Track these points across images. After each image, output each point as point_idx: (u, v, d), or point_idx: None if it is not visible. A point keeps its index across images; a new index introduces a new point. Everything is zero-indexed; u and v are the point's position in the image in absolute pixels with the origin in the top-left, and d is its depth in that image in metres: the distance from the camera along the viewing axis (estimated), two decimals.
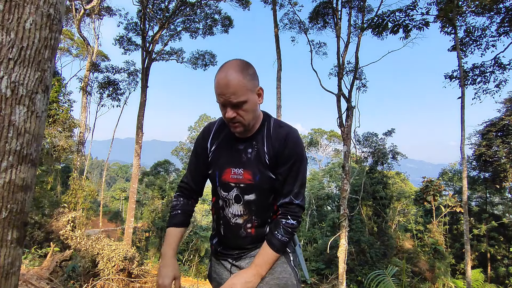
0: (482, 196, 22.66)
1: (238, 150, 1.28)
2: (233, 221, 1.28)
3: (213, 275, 1.40)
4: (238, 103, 1.14)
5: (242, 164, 1.25)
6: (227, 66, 1.15)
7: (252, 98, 1.18)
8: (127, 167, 66.25)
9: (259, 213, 1.27)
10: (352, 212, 19.80)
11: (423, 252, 19.55)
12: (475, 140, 19.08)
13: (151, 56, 14.84)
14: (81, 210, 12.42)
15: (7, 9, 0.93)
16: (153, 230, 26.10)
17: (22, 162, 0.97)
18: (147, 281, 7.02)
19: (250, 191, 1.24)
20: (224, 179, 1.28)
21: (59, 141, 12.94)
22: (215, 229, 1.37)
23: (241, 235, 1.28)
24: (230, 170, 1.27)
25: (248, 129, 1.25)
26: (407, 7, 9.77)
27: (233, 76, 1.12)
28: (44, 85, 1.03)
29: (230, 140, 1.32)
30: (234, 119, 1.18)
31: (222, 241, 1.34)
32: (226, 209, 1.29)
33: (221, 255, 1.35)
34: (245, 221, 1.27)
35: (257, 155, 1.25)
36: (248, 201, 1.25)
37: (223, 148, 1.32)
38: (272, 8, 12.71)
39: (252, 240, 1.29)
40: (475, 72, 11.55)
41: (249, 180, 1.24)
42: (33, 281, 4.29)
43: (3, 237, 0.93)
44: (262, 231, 1.29)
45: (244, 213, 1.26)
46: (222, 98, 1.14)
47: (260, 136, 1.28)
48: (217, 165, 1.31)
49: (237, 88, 1.12)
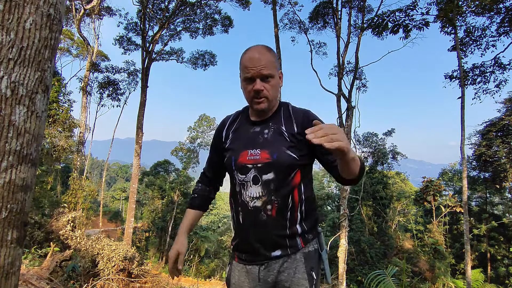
0: (482, 196, 22.66)
1: (254, 132, 1.29)
2: (252, 204, 1.23)
3: (232, 280, 1.35)
4: (268, 75, 1.22)
5: (259, 145, 1.25)
6: (257, 46, 1.26)
7: (277, 77, 1.27)
8: (127, 167, 66.25)
9: (279, 193, 1.21)
10: (352, 212, 19.80)
11: (423, 252, 19.54)
12: (475, 140, 19.08)
13: (151, 56, 14.84)
14: (81, 210, 12.40)
15: (7, 9, 0.93)
16: (153, 230, 26.10)
17: (22, 162, 0.97)
18: (147, 281, 7.02)
19: (268, 169, 1.21)
20: (241, 162, 1.26)
21: (59, 141, 12.94)
22: (235, 223, 1.33)
23: (261, 218, 1.21)
24: (247, 152, 1.26)
25: (270, 107, 1.29)
26: (407, 7, 9.77)
27: (264, 52, 1.24)
28: (44, 85, 1.03)
29: (245, 125, 1.35)
30: (261, 93, 1.22)
31: (242, 236, 1.29)
32: (243, 193, 1.25)
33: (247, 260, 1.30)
34: (264, 203, 1.21)
35: (274, 134, 1.26)
36: (266, 181, 1.21)
37: (238, 134, 1.35)
38: (272, 8, 12.71)
39: (274, 228, 1.22)
40: (475, 72, 11.54)
41: (266, 159, 1.21)
42: (33, 281, 4.29)
43: (3, 237, 0.93)
44: (283, 216, 1.22)
45: (263, 194, 1.22)
46: (253, 70, 1.20)
47: (277, 117, 1.30)
48: (233, 150, 1.31)
49: (268, 61, 1.22)
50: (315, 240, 1.31)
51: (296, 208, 1.24)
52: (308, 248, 1.27)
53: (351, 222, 19.33)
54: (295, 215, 1.25)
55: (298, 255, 1.25)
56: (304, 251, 1.26)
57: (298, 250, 1.25)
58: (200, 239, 24.84)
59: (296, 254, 1.25)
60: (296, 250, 1.25)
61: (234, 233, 1.37)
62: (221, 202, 47.09)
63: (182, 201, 26.54)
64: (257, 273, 1.26)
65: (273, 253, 1.24)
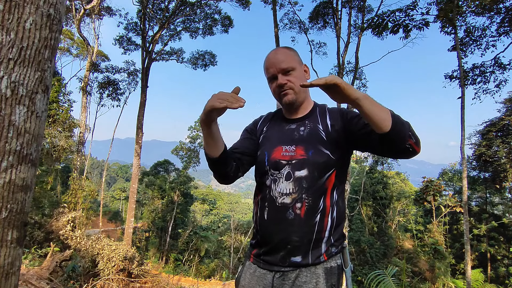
0: (482, 196, 22.65)
1: (290, 129, 1.28)
2: (280, 200, 1.17)
3: (241, 282, 1.27)
4: (288, 68, 1.23)
5: (294, 142, 1.23)
6: (276, 48, 1.31)
7: (300, 69, 1.27)
8: (127, 167, 66.23)
9: (311, 191, 1.15)
10: (352, 212, 19.81)
11: (423, 252, 19.54)
12: (475, 140, 19.06)
13: (151, 56, 14.84)
14: (81, 210, 12.40)
15: (7, 9, 0.93)
16: (153, 230, 26.10)
17: (22, 162, 0.97)
18: (147, 281, 7.02)
19: (302, 166, 1.17)
20: (274, 158, 1.23)
21: (59, 141, 12.94)
22: (258, 219, 1.24)
23: (288, 217, 1.14)
24: (281, 148, 1.23)
25: (299, 99, 1.27)
26: (407, 7, 9.78)
27: (283, 50, 1.28)
28: (44, 85, 1.03)
29: (281, 122, 1.34)
30: (285, 86, 1.23)
31: (264, 233, 1.21)
32: (273, 188, 1.19)
33: (263, 262, 1.22)
34: (294, 200, 1.15)
35: (310, 131, 1.24)
36: (299, 178, 1.16)
37: (273, 130, 1.33)
38: (272, 8, 12.71)
39: (301, 229, 1.13)
40: (475, 72, 11.54)
41: (301, 156, 1.19)
42: (33, 281, 4.29)
43: (3, 237, 0.93)
44: (312, 219, 1.14)
45: (293, 191, 1.16)
46: (273, 68, 1.24)
47: (313, 116, 1.29)
48: (266, 145, 1.29)
49: (287, 56, 1.24)
50: (339, 255, 1.21)
51: (327, 213, 1.16)
52: (330, 263, 1.17)
53: (351, 222, 19.35)
54: (325, 220, 1.16)
55: (319, 269, 1.15)
56: (326, 265, 1.16)
57: (319, 263, 1.16)
58: (200, 239, 24.84)
59: (317, 267, 1.16)
60: (318, 263, 1.16)
61: (255, 231, 1.29)
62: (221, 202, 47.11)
63: (182, 201, 26.54)
64: (270, 281, 1.18)
65: (293, 258, 1.15)
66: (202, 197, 38.26)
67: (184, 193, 26.63)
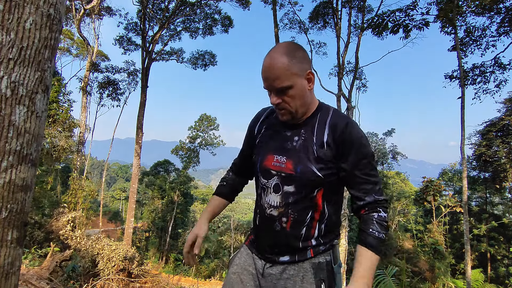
0: (482, 196, 22.65)
1: (285, 136, 1.20)
2: (268, 212, 1.18)
3: (236, 260, 1.31)
4: (282, 88, 1.08)
5: (286, 152, 1.17)
6: (274, 49, 1.10)
7: (300, 83, 1.09)
8: (127, 167, 66.25)
9: (297, 208, 1.14)
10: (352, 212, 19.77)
11: (423, 252, 19.54)
12: (475, 140, 19.07)
13: (151, 56, 14.85)
14: (81, 210, 12.40)
15: (7, 9, 0.93)
16: (153, 230, 26.12)
17: (22, 162, 0.96)
18: (147, 281, 7.02)
19: (290, 182, 1.14)
20: (265, 166, 1.20)
21: (59, 141, 12.93)
22: (254, 221, 1.29)
23: (275, 228, 1.16)
24: (273, 157, 1.19)
25: (297, 117, 1.16)
26: (407, 7, 9.78)
27: (277, 59, 1.06)
28: (44, 85, 1.03)
29: (278, 125, 1.25)
30: (279, 106, 1.13)
31: (257, 234, 1.26)
32: (263, 197, 1.20)
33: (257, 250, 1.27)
34: (280, 214, 1.15)
35: (303, 144, 1.15)
36: (286, 193, 1.14)
37: (269, 133, 1.27)
38: (272, 8, 12.71)
39: (287, 239, 1.16)
40: (475, 72, 11.54)
41: (290, 171, 1.14)
42: (33, 281, 4.29)
43: (3, 237, 0.93)
44: (298, 231, 1.15)
45: (280, 205, 1.15)
46: (266, 83, 1.10)
47: (311, 124, 1.17)
48: (260, 150, 1.26)
49: (281, 72, 1.06)
50: (329, 252, 1.20)
51: (314, 225, 1.16)
52: (318, 259, 1.17)
53: (351, 222, 19.32)
54: (311, 232, 1.16)
55: (306, 264, 1.16)
56: (313, 261, 1.17)
57: (306, 259, 1.17)
58: None
59: (304, 262, 1.17)
60: (304, 259, 1.17)
61: (252, 227, 1.34)
62: None
63: (182, 201, 26.54)
64: (261, 267, 1.23)
65: (281, 258, 1.19)
66: (202, 197, 38.26)
67: (184, 193, 26.63)
